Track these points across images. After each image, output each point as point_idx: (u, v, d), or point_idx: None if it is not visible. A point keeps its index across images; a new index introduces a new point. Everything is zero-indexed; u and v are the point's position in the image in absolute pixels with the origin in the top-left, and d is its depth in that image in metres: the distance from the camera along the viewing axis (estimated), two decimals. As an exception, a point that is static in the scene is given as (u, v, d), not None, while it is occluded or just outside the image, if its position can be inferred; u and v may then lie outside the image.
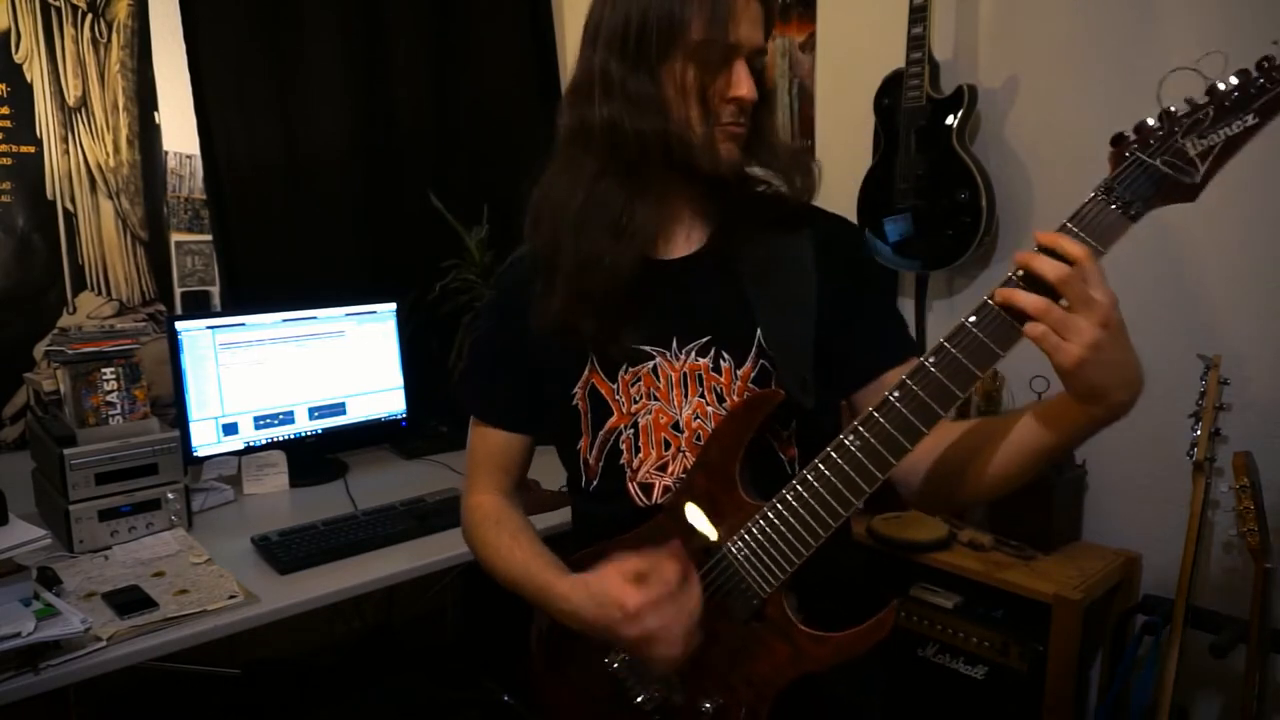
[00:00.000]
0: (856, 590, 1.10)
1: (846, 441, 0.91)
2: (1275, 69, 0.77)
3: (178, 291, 2.21)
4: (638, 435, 1.06)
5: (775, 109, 1.05)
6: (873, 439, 0.89)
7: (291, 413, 2.16)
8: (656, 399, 1.05)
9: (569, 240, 1.01)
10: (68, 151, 2.00)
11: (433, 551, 1.74)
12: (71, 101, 2.00)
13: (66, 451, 1.67)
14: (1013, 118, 2.04)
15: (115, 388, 1.77)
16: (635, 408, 1.05)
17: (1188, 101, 0.80)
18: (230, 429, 2.07)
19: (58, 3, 1.96)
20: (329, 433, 2.22)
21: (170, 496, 1.78)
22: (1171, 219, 1.81)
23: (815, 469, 0.92)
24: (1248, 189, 1.65)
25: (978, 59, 2.08)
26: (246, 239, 2.22)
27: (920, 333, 2.10)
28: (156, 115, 2.12)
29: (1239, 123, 0.78)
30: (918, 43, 1.97)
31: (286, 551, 1.68)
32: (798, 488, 0.93)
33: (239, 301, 2.22)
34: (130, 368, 1.79)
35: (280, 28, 2.22)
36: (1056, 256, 0.80)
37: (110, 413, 1.76)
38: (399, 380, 2.33)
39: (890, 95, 2.06)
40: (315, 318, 2.18)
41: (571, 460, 1.13)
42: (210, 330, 2.03)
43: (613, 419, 1.07)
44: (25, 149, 1.95)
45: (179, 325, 1.99)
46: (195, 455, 2.02)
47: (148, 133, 2.11)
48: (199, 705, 2.12)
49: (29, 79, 1.94)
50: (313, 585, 1.59)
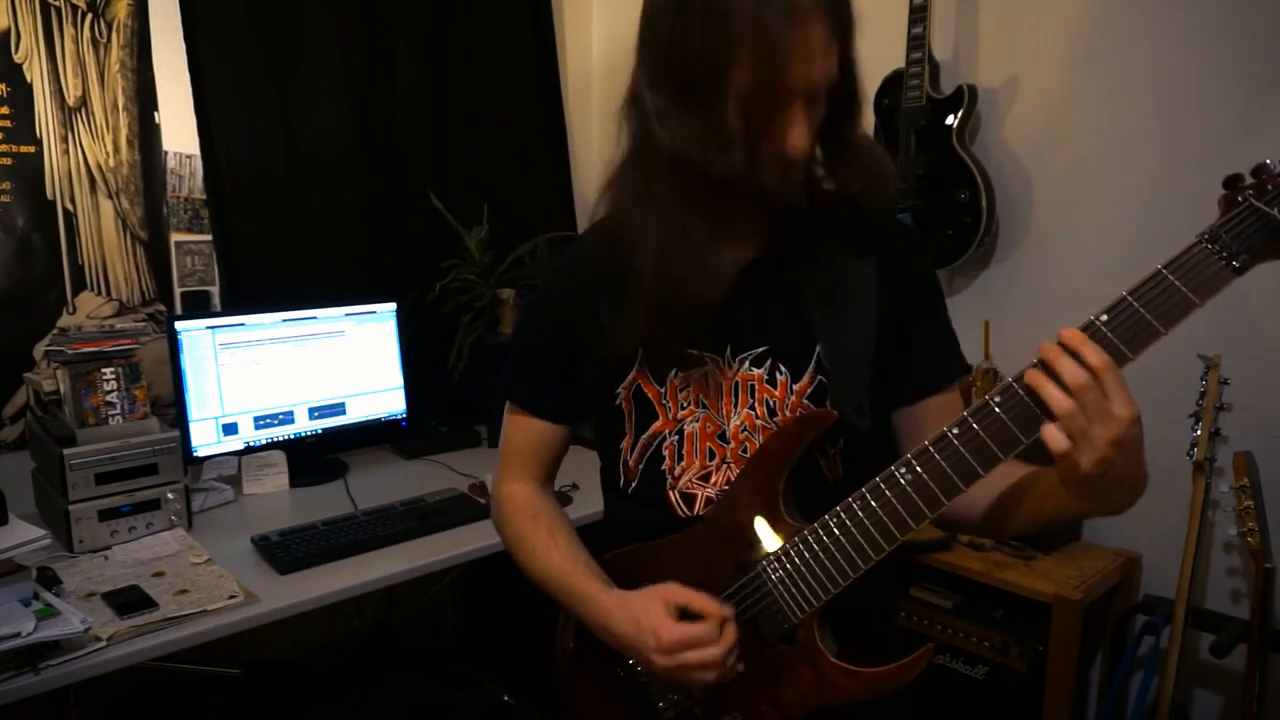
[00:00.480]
0: (886, 622, 1.09)
1: (897, 474, 0.87)
2: None
3: (178, 291, 2.20)
4: (682, 442, 1.03)
5: (858, 115, 0.94)
6: (926, 476, 0.85)
7: (291, 413, 2.16)
8: (705, 407, 1.02)
9: (649, 266, 0.94)
10: (68, 151, 2.00)
11: (433, 551, 1.74)
12: (71, 101, 2.00)
13: (66, 451, 1.67)
14: (1013, 118, 2.04)
15: (115, 388, 1.77)
16: (682, 414, 1.02)
17: None
18: (230, 429, 2.07)
19: (58, 3, 1.96)
20: (329, 433, 2.22)
21: (170, 496, 1.78)
22: (1171, 218, 1.82)
23: (862, 499, 0.89)
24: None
25: (978, 59, 2.08)
26: (246, 239, 2.22)
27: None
28: (156, 115, 2.12)
29: None
30: (918, 43, 1.98)
31: (286, 551, 1.68)
32: (842, 516, 0.91)
33: (239, 301, 2.22)
34: (130, 368, 1.79)
35: (280, 28, 2.22)
36: (1077, 358, 0.76)
37: (110, 413, 1.76)
38: (399, 380, 2.33)
39: (890, 95, 2.07)
40: (315, 318, 2.18)
41: (611, 458, 1.11)
42: (210, 330, 2.03)
43: (658, 423, 1.04)
44: (25, 149, 1.95)
45: (179, 325, 1.99)
46: (195, 455, 2.01)
47: (148, 133, 2.11)
48: (199, 705, 2.12)
49: (29, 79, 1.94)
50: (313, 585, 1.59)
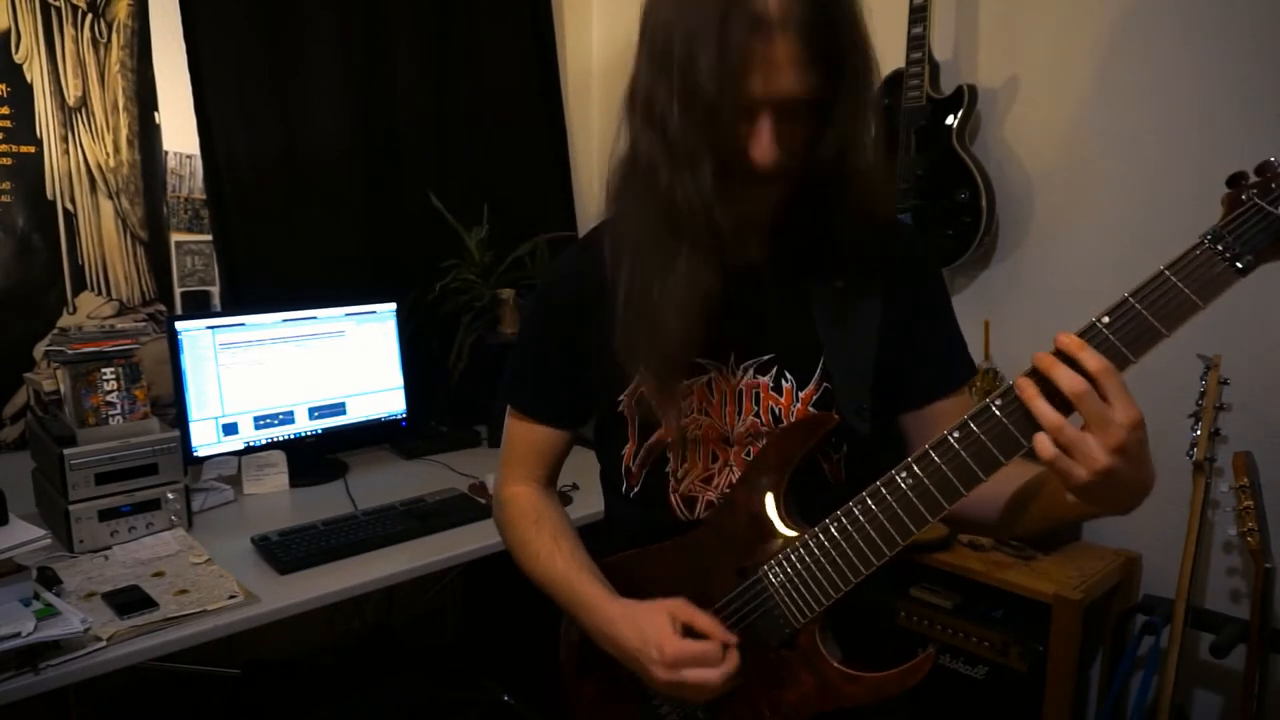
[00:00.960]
0: (887, 625, 1.08)
1: (898, 479, 0.86)
2: None
3: (178, 291, 2.20)
4: (685, 447, 1.03)
5: (856, 132, 0.87)
6: (927, 480, 0.84)
7: (291, 413, 2.16)
8: (707, 414, 1.01)
9: (626, 276, 0.94)
10: (68, 151, 2.00)
11: (433, 551, 1.74)
12: (71, 101, 2.00)
13: (66, 451, 1.67)
14: (1013, 118, 2.04)
15: (115, 388, 1.77)
16: (685, 421, 1.01)
17: None
18: (230, 429, 2.07)
19: (58, 3, 1.96)
20: (329, 433, 2.22)
21: (170, 496, 1.78)
22: (1172, 218, 1.82)
23: (863, 503, 0.88)
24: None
25: (978, 59, 2.08)
26: (246, 239, 2.22)
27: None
28: (156, 115, 2.12)
29: None
30: (918, 43, 1.98)
31: (286, 551, 1.68)
32: (843, 520, 0.90)
33: (239, 301, 2.22)
34: (130, 368, 1.79)
35: (280, 28, 2.22)
36: (1074, 364, 0.74)
37: (110, 413, 1.76)
38: (399, 380, 2.33)
39: (890, 95, 2.06)
40: (315, 318, 2.18)
41: (613, 464, 1.10)
42: (210, 330, 2.03)
43: (661, 430, 1.03)
44: (25, 149, 1.95)
45: (179, 325, 1.99)
46: (195, 455, 2.01)
47: (148, 133, 2.11)
48: (199, 705, 2.12)
49: (29, 79, 1.94)
50: (313, 585, 1.59)
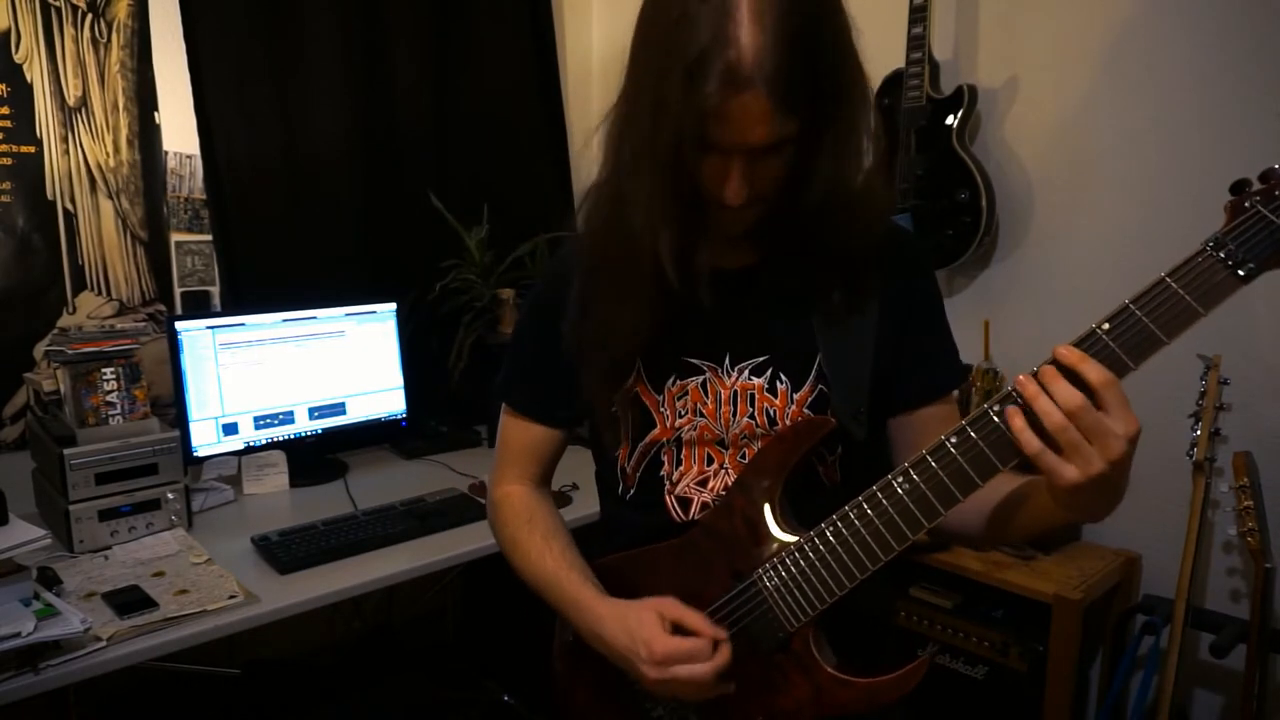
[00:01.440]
0: (884, 628, 1.08)
1: (895, 484, 0.86)
2: None
3: (178, 291, 2.20)
4: (680, 448, 1.03)
5: (841, 160, 0.86)
6: (923, 486, 0.84)
7: (291, 413, 2.16)
8: (703, 415, 1.01)
9: (577, 291, 0.99)
10: (68, 151, 2.00)
11: (433, 551, 1.74)
12: (71, 101, 2.00)
13: (66, 451, 1.67)
14: (1013, 118, 2.04)
15: (115, 388, 1.77)
16: (680, 422, 1.02)
17: None
18: (230, 429, 2.07)
19: (58, 3, 1.96)
20: (329, 433, 2.22)
21: (170, 496, 1.78)
22: (1171, 218, 1.82)
23: (859, 508, 0.88)
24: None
25: (978, 59, 2.08)
26: (246, 239, 2.22)
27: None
28: (156, 115, 2.12)
29: None
30: (918, 43, 1.98)
31: (286, 551, 1.68)
32: (839, 525, 0.89)
33: (239, 301, 2.22)
34: (130, 368, 1.79)
35: (280, 28, 2.22)
36: (1074, 377, 0.73)
37: (110, 413, 1.76)
38: (399, 380, 2.33)
39: (890, 95, 2.06)
40: (315, 318, 2.18)
41: (608, 465, 1.11)
42: (210, 330, 2.03)
43: (655, 431, 1.03)
44: (25, 149, 1.95)
45: (179, 325, 1.99)
46: (195, 455, 2.01)
47: (148, 133, 2.11)
48: (199, 705, 2.12)
49: (29, 79, 1.94)
50: (313, 585, 1.59)
